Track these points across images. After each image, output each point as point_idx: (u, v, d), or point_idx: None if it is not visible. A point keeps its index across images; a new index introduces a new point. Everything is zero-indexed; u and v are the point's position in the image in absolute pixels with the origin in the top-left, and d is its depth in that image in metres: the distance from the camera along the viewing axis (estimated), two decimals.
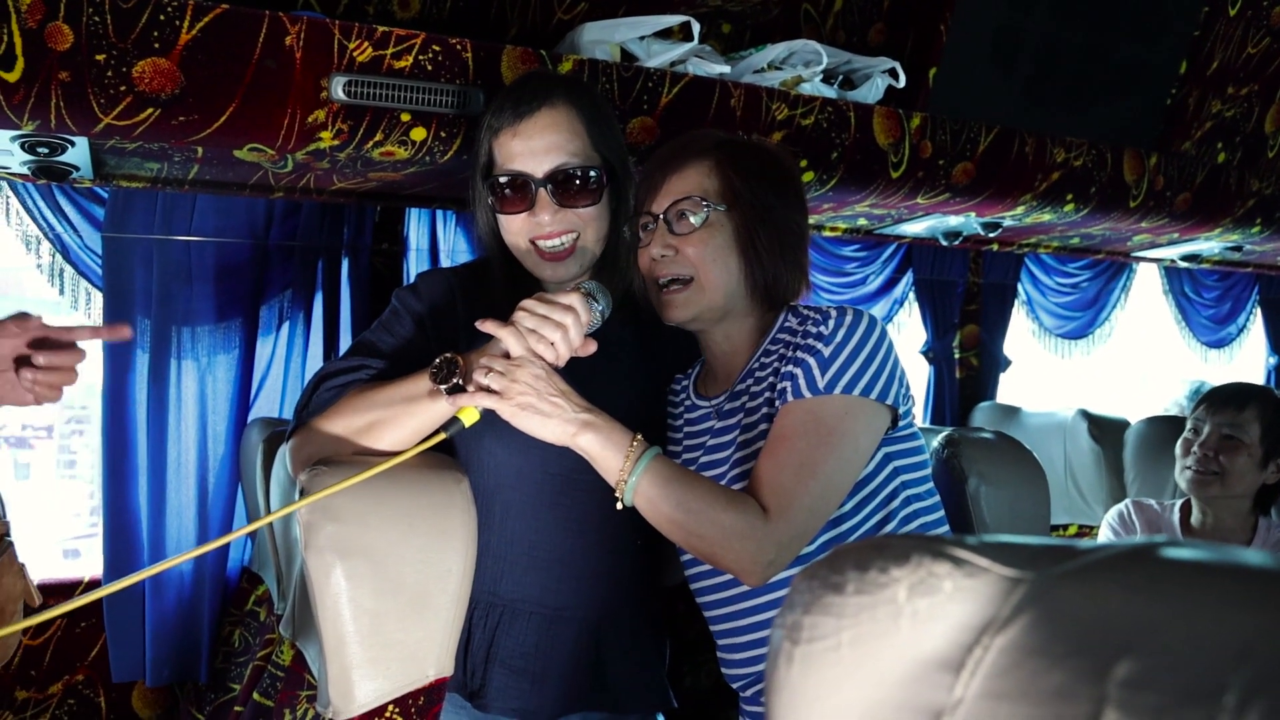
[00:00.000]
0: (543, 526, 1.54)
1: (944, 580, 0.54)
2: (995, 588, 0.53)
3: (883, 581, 0.55)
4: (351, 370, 1.45)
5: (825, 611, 0.57)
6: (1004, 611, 0.53)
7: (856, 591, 0.56)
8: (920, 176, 2.28)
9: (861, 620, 0.55)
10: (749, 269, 1.40)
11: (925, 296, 3.33)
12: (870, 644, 0.55)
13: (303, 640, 1.57)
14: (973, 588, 0.53)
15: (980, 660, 0.52)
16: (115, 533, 2.19)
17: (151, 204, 2.16)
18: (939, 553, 0.55)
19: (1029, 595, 0.53)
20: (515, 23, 2.38)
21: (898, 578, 0.55)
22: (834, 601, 0.57)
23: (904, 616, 0.54)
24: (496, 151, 1.49)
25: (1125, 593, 0.50)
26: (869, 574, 0.56)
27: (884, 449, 1.36)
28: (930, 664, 0.53)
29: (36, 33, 1.44)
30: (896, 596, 0.55)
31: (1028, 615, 0.52)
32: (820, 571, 0.59)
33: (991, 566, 0.53)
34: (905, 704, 0.54)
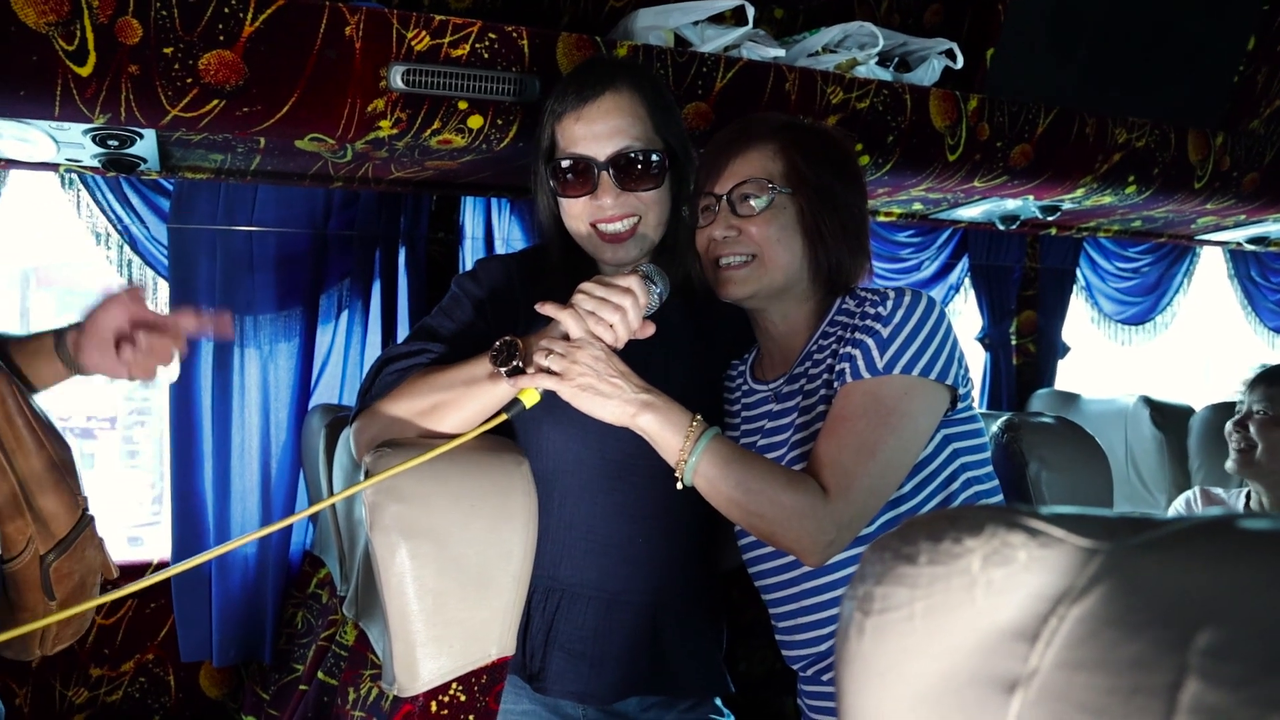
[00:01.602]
0: (600, 511, 1.55)
1: (1019, 550, 0.54)
2: (1070, 558, 0.53)
3: (956, 552, 0.55)
4: (413, 355, 1.48)
5: (898, 582, 0.57)
6: (1080, 582, 0.53)
7: (930, 562, 0.56)
8: (977, 159, 2.25)
9: (935, 590, 0.55)
10: (813, 252, 1.40)
11: (981, 282, 3.29)
12: (944, 614, 0.55)
13: (366, 621, 1.59)
14: (1047, 558, 0.53)
15: (1056, 630, 0.52)
16: (182, 517, 2.25)
17: (214, 195, 2.20)
18: (1013, 523, 0.55)
19: (1105, 566, 0.52)
20: (567, 10, 2.39)
21: (972, 548, 0.55)
22: (907, 572, 0.57)
23: (978, 587, 0.54)
24: (559, 136, 1.50)
25: (1206, 563, 0.50)
26: (942, 544, 0.56)
27: (943, 430, 1.35)
28: (1005, 634, 0.53)
29: (107, 27, 1.48)
30: (970, 567, 0.55)
31: (1105, 585, 0.52)
32: (892, 543, 0.59)
33: (1067, 537, 0.53)
34: (979, 674, 0.54)
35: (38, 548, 1.23)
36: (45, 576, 1.24)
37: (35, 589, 1.24)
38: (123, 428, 6.03)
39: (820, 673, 1.42)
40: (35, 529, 1.22)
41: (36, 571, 1.24)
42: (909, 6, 2.54)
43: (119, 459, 9.70)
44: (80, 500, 1.28)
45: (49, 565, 1.24)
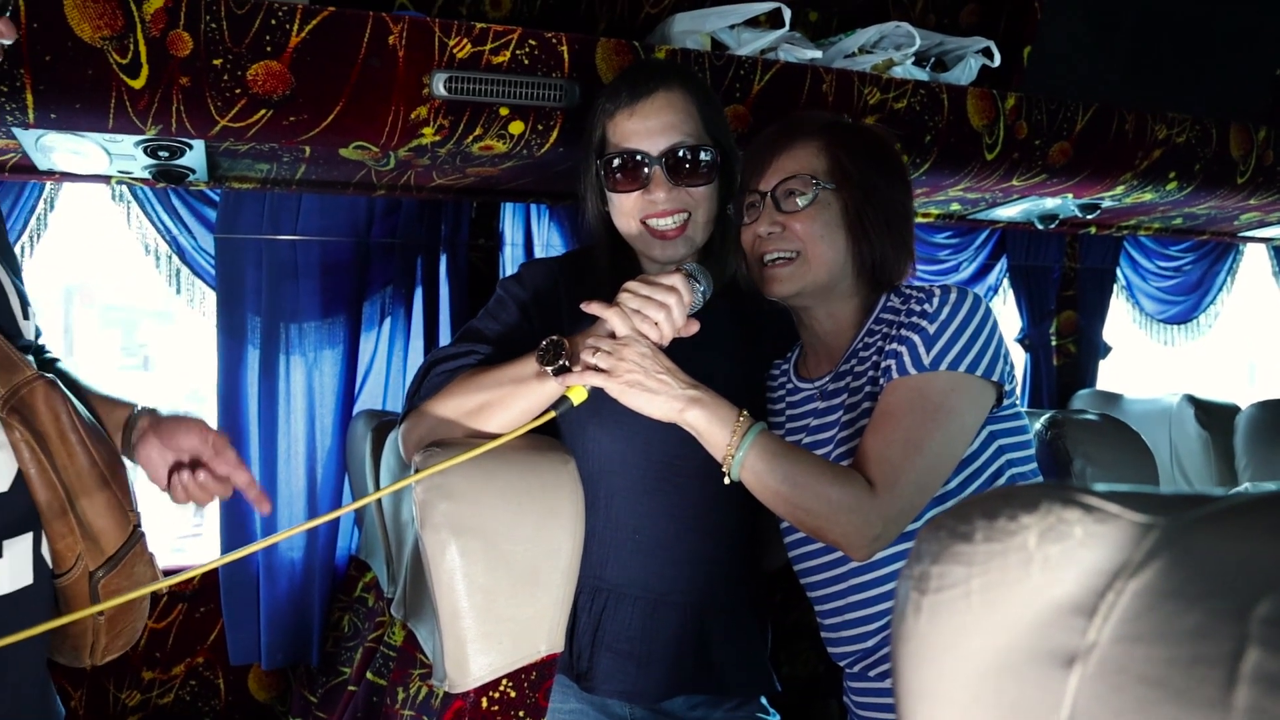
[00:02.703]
0: (646, 512, 1.56)
1: (1074, 526, 0.54)
2: (1126, 533, 0.54)
3: (1012, 529, 0.56)
4: (460, 355, 1.50)
5: (954, 560, 0.57)
6: (1136, 556, 0.53)
7: (985, 539, 0.57)
8: (1016, 158, 2.24)
9: (991, 567, 0.56)
10: (856, 248, 1.41)
11: (1020, 283, 3.27)
12: (1000, 590, 0.56)
13: (414, 621, 1.61)
14: (1103, 533, 0.54)
15: (1114, 604, 0.52)
16: (230, 521, 2.28)
17: (260, 205, 2.24)
18: (1069, 499, 0.55)
19: (1162, 540, 0.53)
20: (604, 17, 2.41)
21: (1027, 525, 0.56)
22: (963, 550, 0.57)
23: (1034, 563, 0.55)
24: (610, 133, 1.52)
25: (1265, 534, 0.50)
26: (998, 522, 0.57)
27: (988, 427, 1.36)
28: (1062, 609, 0.54)
29: (159, 40, 1.51)
30: (1026, 543, 0.55)
31: (1162, 559, 0.52)
32: (947, 522, 0.60)
33: (1122, 513, 0.54)
34: (1036, 649, 0.55)
35: (87, 564, 1.24)
36: (94, 593, 1.25)
37: (85, 605, 1.25)
38: None
39: (867, 669, 1.42)
40: (85, 546, 1.23)
41: (85, 588, 1.25)
42: (944, 6, 2.54)
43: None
44: (132, 516, 1.29)
45: (98, 581, 1.24)
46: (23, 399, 1.16)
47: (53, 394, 1.18)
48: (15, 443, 1.16)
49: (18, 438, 1.16)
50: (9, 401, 1.16)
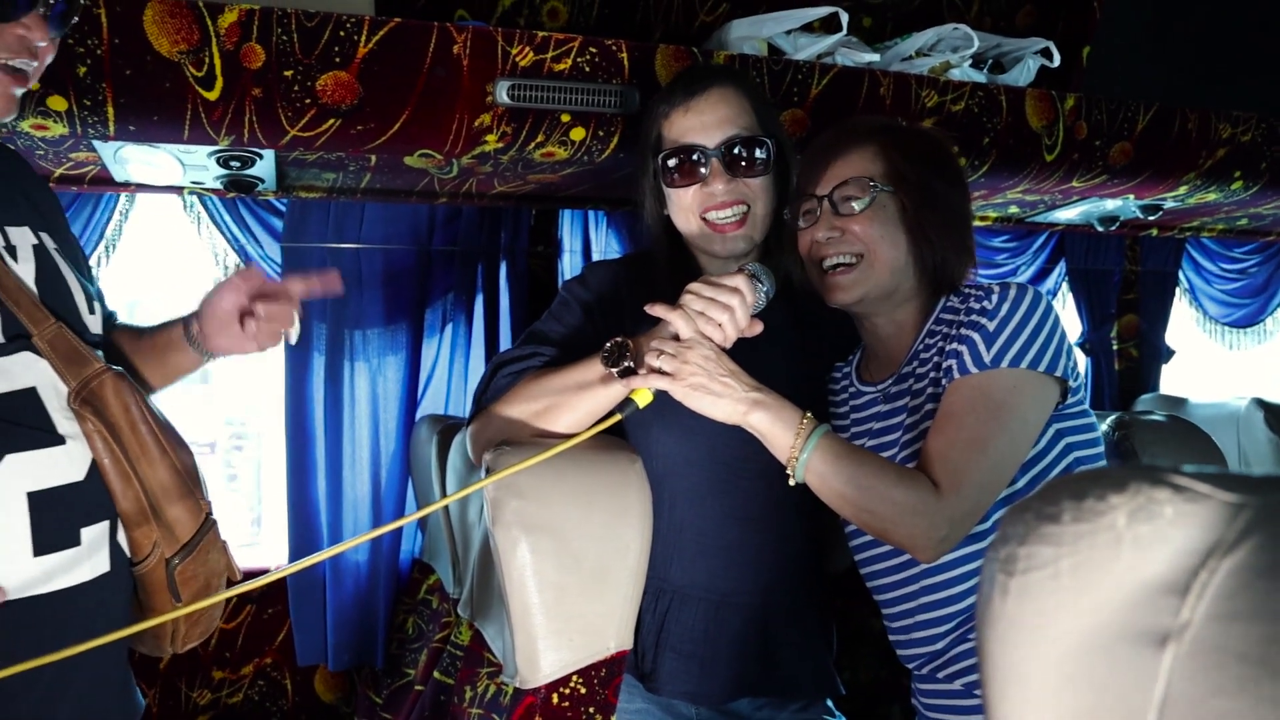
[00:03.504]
0: (710, 513, 1.57)
1: (1164, 506, 0.55)
2: (1218, 513, 0.54)
3: (1101, 509, 0.56)
4: (526, 358, 1.52)
5: (1042, 541, 0.58)
6: (1229, 535, 0.53)
7: (1074, 520, 0.57)
8: (1075, 159, 2.22)
9: (1080, 548, 0.56)
10: (918, 250, 1.41)
11: (1080, 287, 3.23)
12: (1090, 571, 0.56)
13: (481, 620, 1.64)
14: (1194, 513, 0.54)
15: (1207, 583, 0.53)
16: (298, 524, 2.33)
17: (324, 214, 2.29)
18: (1158, 479, 0.56)
19: (1255, 519, 0.53)
20: (659, 25, 2.44)
21: (1116, 505, 0.56)
22: (1051, 531, 0.58)
23: (1124, 543, 0.55)
24: (666, 131, 1.54)
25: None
26: (1086, 502, 0.57)
27: (1055, 424, 1.35)
28: (1154, 588, 0.54)
29: (233, 54, 1.56)
30: (1116, 523, 0.55)
31: (1256, 538, 0.52)
32: (1034, 504, 0.60)
33: (1213, 492, 0.54)
34: (1127, 629, 0.55)
35: (163, 552, 1.27)
36: (171, 579, 1.29)
37: (162, 591, 1.30)
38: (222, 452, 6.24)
39: (936, 671, 1.41)
40: (160, 533, 1.26)
41: (163, 575, 1.28)
42: (1000, 9, 2.53)
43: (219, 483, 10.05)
44: (204, 505, 1.32)
45: (174, 569, 1.28)
46: (93, 391, 1.20)
47: (122, 386, 1.22)
48: (89, 434, 1.20)
49: (91, 429, 1.20)
50: (80, 394, 1.19)
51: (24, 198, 1.31)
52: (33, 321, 1.17)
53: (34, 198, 1.35)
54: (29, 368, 1.17)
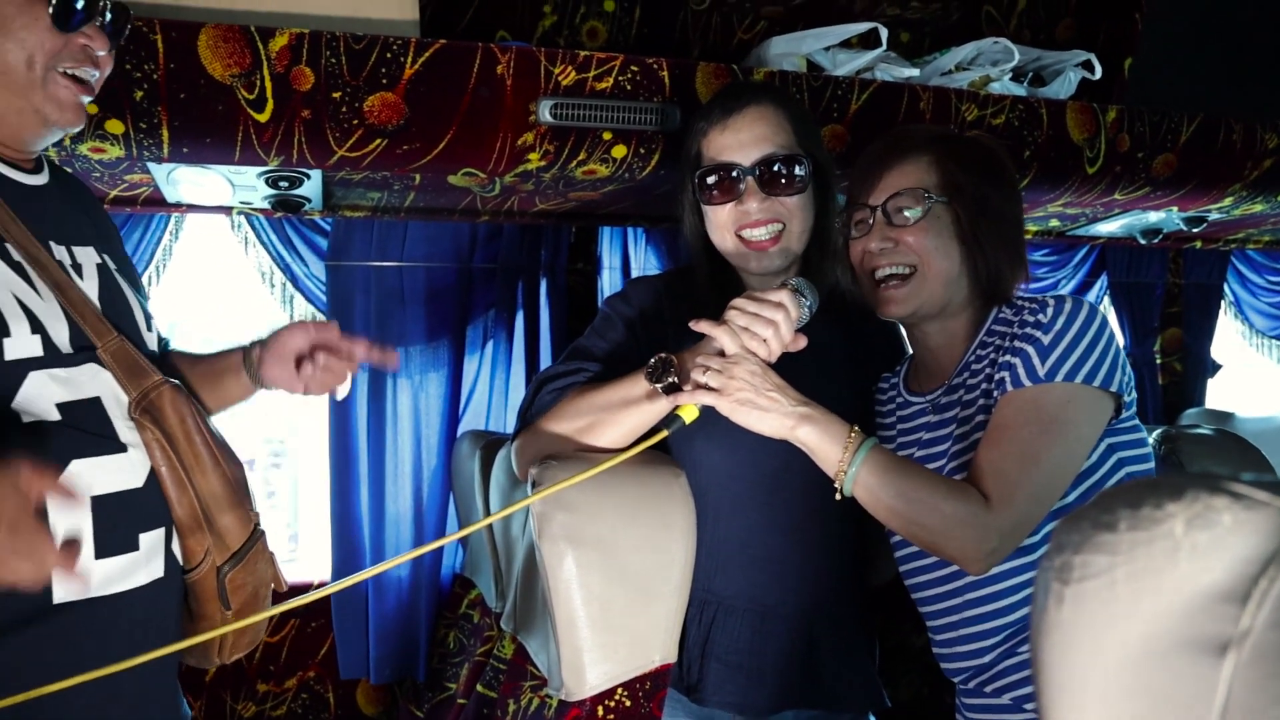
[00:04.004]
0: (754, 525, 1.58)
1: (1223, 514, 0.55)
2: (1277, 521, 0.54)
3: (1158, 517, 0.56)
4: (570, 374, 1.53)
5: (1098, 550, 0.58)
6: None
7: (1130, 528, 0.57)
8: (1118, 171, 2.21)
9: (1137, 556, 0.56)
10: (972, 261, 1.41)
11: (1122, 300, 3.20)
12: (1147, 579, 0.56)
13: (525, 634, 1.65)
14: (1253, 521, 0.54)
15: (1267, 591, 0.53)
16: (340, 539, 2.36)
17: (368, 233, 2.33)
18: (1216, 488, 0.56)
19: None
20: (697, 44, 2.45)
21: (1173, 513, 0.56)
22: (1106, 539, 0.58)
23: (1182, 550, 0.55)
24: (705, 148, 1.56)
25: None
26: (1142, 510, 0.57)
27: (1107, 439, 1.33)
28: (1212, 596, 0.54)
29: (283, 76, 1.59)
30: (1173, 531, 0.55)
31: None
32: (1089, 512, 0.60)
33: (1272, 500, 0.54)
34: (1186, 637, 0.55)
35: (214, 560, 1.31)
36: (221, 587, 1.32)
37: (213, 599, 1.33)
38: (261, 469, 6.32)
39: (983, 684, 1.40)
40: (212, 541, 1.30)
41: (213, 582, 1.32)
42: (1040, 22, 2.52)
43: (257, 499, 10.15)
44: (252, 515, 1.36)
45: (224, 576, 1.32)
46: (152, 401, 1.24)
47: (178, 397, 1.26)
48: (148, 442, 1.24)
49: (150, 438, 1.24)
50: (140, 403, 1.23)
51: (87, 218, 1.36)
52: (97, 335, 1.22)
53: (94, 217, 1.40)
54: (94, 378, 1.21)
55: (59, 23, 1.18)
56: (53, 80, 1.20)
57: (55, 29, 1.18)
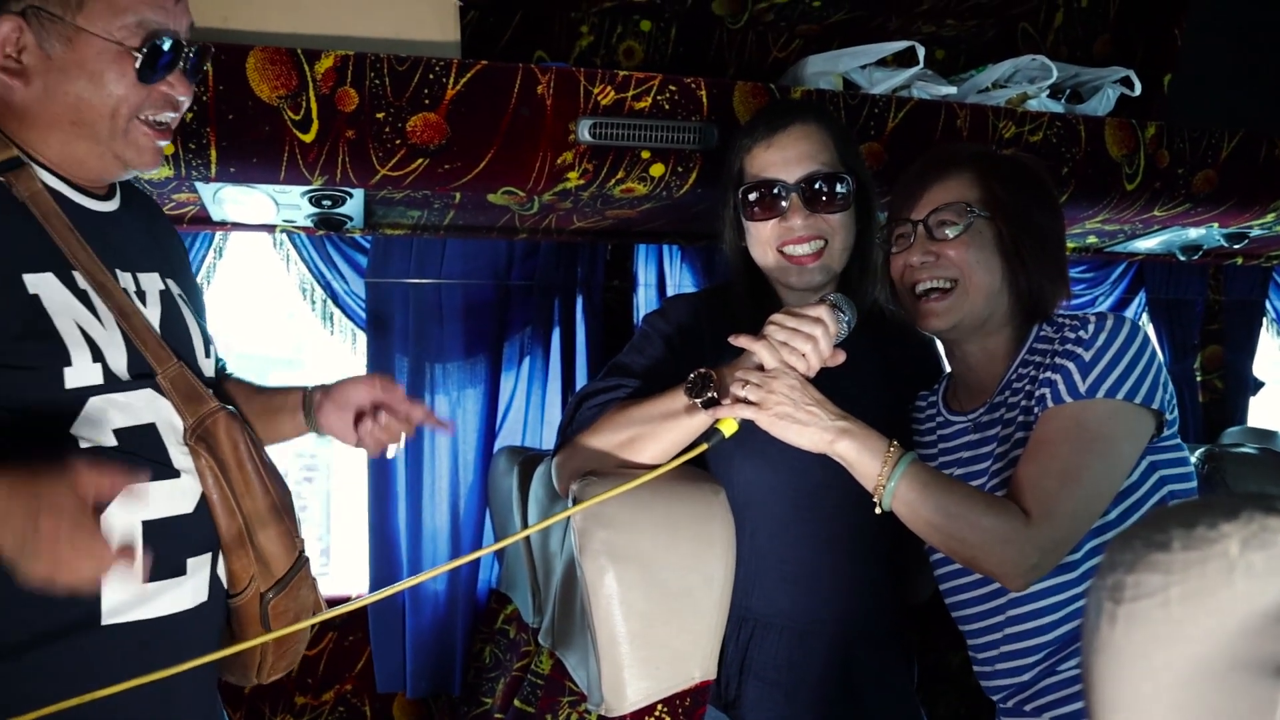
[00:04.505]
0: (792, 541, 1.58)
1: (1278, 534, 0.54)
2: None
3: (1212, 537, 0.56)
4: (610, 390, 1.54)
5: (1151, 569, 0.58)
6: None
7: (1184, 548, 0.57)
8: (1157, 187, 2.20)
9: (1190, 576, 0.56)
10: (1014, 277, 1.41)
11: (1161, 317, 3.17)
12: (1201, 599, 0.56)
13: (563, 649, 1.65)
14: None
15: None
16: (378, 553, 2.38)
17: (407, 251, 2.36)
18: (1271, 508, 0.55)
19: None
20: (733, 63, 2.47)
21: (1228, 533, 0.56)
22: (1160, 559, 0.58)
23: (1237, 571, 0.55)
24: (748, 165, 1.57)
25: None
26: (1196, 530, 0.57)
27: (1149, 457, 1.33)
28: (1269, 617, 0.54)
29: (329, 97, 1.62)
30: (1228, 551, 0.55)
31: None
32: (1141, 531, 0.60)
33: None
34: (1242, 657, 0.55)
35: (259, 586, 1.32)
36: (264, 613, 1.33)
37: (254, 624, 1.34)
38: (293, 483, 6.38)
39: (1022, 703, 1.39)
40: (257, 568, 1.31)
41: (257, 608, 1.33)
42: (1077, 39, 2.51)
43: None
44: (298, 542, 1.37)
45: (267, 602, 1.33)
46: (207, 429, 1.26)
47: (233, 424, 1.28)
48: (201, 469, 1.26)
49: (203, 464, 1.26)
50: (196, 430, 1.25)
51: (155, 243, 1.39)
52: (157, 361, 1.23)
53: (163, 242, 1.42)
54: (150, 404, 1.23)
55: (144, 76, 1.21)
56: (134, 129, 1.23)
57: (140, 82, 1.21)
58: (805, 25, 2.43)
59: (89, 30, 1.17)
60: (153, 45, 1.20)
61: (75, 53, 1.18)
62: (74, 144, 1.22)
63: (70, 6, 1.16)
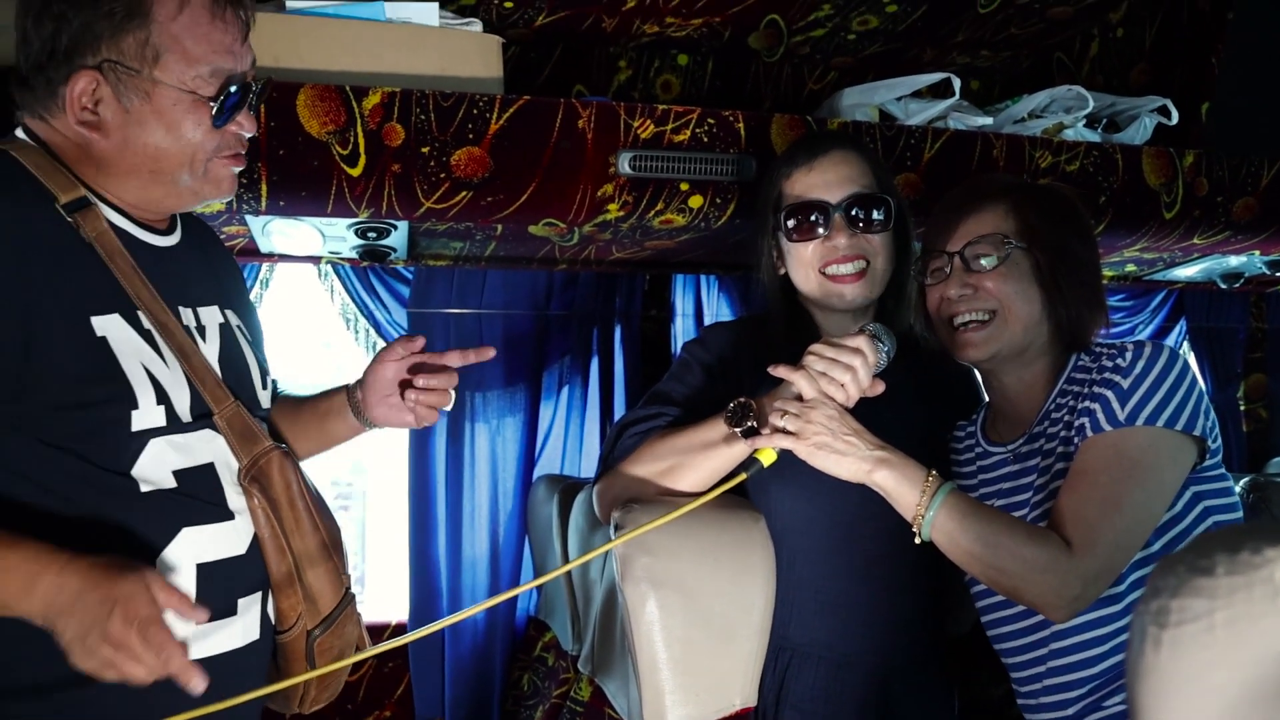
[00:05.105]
0: (830, 572, 1.58)
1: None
2: None
3: (1257, 562, 0.57)
4: (650, 418, 1.56)
5: (1195, 594, 0.59)
6: None
7: (1228, 573, 0.58)
8: (1196, 215, 2.19)
9: (1235, 601, 0.57)
10: (1051, 305, 1.42)
11: (1202, 346, 3.15)
12: (1246, 624, 0.57)
13: (602, 676, 1.66)
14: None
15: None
16: (418, 581, 2.41)
17: (449, 281, 2.40)
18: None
19: None
20: (768, 95, 2.50)
21: (1272, 558, 0.57)
22: (1204, 584, 0.58)
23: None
24: (788, 189, 1.60)
25: None
26: (1241, 555, 0.58)
27: (1192, 486, 1.32)
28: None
29: (376, 133, 1.67)
30: (1273, 576, 0.56)
31: None
32: (1185, 557, 0.61)
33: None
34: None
35: (305, 623, 1.32)
36: (310, 650, 1.33)
37: (300, 661, 1.34)
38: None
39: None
40: (305, 605, 1.31)
41: (303, 645, 1.33)
42: (1113, 68, 2.52)
43: None
44: (345, 579, 1.38)
45: (314, 640, 1.33)
46: (261, 469, 1.26)
47: (286, 464, 1.28)
48: (253, 509, 1.26)
49: (256, 504, 1.26)
50: (250, 471, 1.26)
51: (213, 274, 1.40)
52: (215, 401, 1.24)
53: (221, 272, 1.43)
54: (209, 443, 1.24)
55: (218, 121, 1.24)
56: (212, 166, 1.26)
57: (214, 127, 1.24)
58: (840, 58, 2.46)
59: (165, 82, 1.19)
60: (227, 92, 1.23)
61: (152, 104, 1.20)
62: (151, 189, 1.25)
63: (147, 60, 1.19)
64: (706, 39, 2.34)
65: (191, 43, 1.20)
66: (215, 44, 1.22)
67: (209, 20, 1.22)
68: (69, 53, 1.18)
